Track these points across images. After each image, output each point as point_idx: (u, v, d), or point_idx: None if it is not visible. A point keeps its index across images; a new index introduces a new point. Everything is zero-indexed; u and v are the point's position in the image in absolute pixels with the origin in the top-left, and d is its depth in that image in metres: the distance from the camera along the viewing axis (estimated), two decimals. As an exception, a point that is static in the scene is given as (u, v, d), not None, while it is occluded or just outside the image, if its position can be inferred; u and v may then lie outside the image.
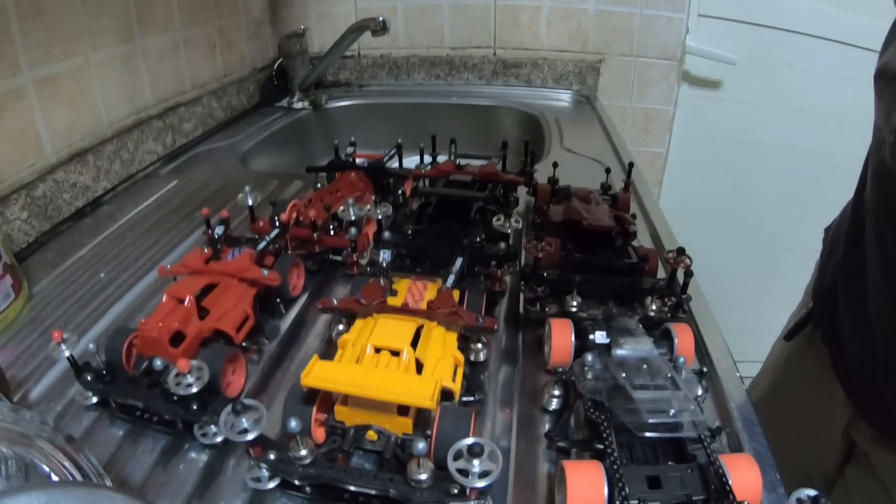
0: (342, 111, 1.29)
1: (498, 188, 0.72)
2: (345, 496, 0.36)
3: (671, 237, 0.67)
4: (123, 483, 0.38)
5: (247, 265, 0.51)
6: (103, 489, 0.29)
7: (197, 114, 1.04)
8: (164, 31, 0.94)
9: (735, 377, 0.46)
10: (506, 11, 1.28)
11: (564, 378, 0.42)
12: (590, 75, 1.29)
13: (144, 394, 0.40)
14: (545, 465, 0.40)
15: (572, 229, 0.59)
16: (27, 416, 0.31)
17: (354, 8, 1.31)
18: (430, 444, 0.36)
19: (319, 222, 0.59)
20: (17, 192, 0.67)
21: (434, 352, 0.42)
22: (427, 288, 0.50)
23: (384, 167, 0.75)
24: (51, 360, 0.49)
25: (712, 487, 0.32)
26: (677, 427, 0.35)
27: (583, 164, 0.92)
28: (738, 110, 1.35)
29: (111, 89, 0.83)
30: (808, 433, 0.68)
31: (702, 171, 1.44)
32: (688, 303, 0.52)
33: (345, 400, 0.39)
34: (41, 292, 0.60)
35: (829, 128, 1.34)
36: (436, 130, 0.84)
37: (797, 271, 1.62)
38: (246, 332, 0.49)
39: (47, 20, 0.70)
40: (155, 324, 0.43)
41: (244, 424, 0.34)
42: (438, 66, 1.35)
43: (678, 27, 1.23)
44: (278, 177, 0.88)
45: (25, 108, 0.69)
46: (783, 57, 1.28)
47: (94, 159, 0.79)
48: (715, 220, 1.52)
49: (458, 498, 0.33)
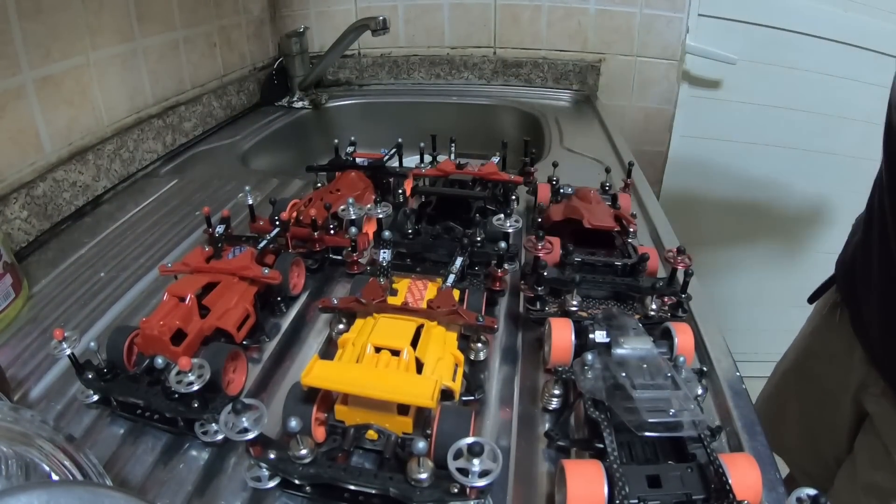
0: (342, 110, 1.29)
1: (498, 188, 0.72)
2: (345, 495, 0.36)
3: (671, 237, 0.67)
4: (124, 482, 0.38)
5: (247, 264, 0.51)
6: (104, 488, 0.29)
7: (197, 113, 1.04)
8: (164, 31, 0.94)
9: (735, 377, 0.46)
10: (506, 11, 1.28)
11: (564, 377, 0.42)
12: (590, 75, 1.29)
13: (145, 392, 0.40)
14: (545, 465, 0.40)
15: (572, 229, 0.59)
16: (27, 415, 0.31)
17: (355, 7, 1.31)
18: (430, 444, 0.36)
19: (320, 221, 0.59)
20: (18, 191, 0.67)
21: (434, 351, 0.42)
22: (427, 287, 0.50)
23: (384, 166, 0.75)
24: (51, 359, 0.49)
25: (712, 487, 0.33)
26: (677, 426, 0.35)
27: (583, 164, 0.92)
28: (738, 110, 1.35)
29: (111, 88, 0.83)
30: (826, 401, 0.74)
31: (702, 171, 1.44)
32: (688, 302, 0.52)
33: (345, 399, 0.39)
34: (41, 291, 0.60)
35: (829, 127, 1.34)
36: (436, 130, 0.84)
37: (797, 270, 1.62)
38: (247, 331, 0.49)
39: (47, 19, 0.70)
40: (156, 322, 0.43)
41: (244, 424, 0.34)
42: (438, 66, 1.35)
43: (678, 27, 1.23)
44: (278, 176, 0.88)
45: (25, 107, 0.69)
46: (783, 57, 1.28)
47: (94, 158, 0.79)
48: (715, 220, 1.52)
49: (458, 497, 0.33)
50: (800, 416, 0.80)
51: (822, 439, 0.76)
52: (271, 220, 0.60)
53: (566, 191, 0.69)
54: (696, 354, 0.46)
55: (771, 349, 1.80)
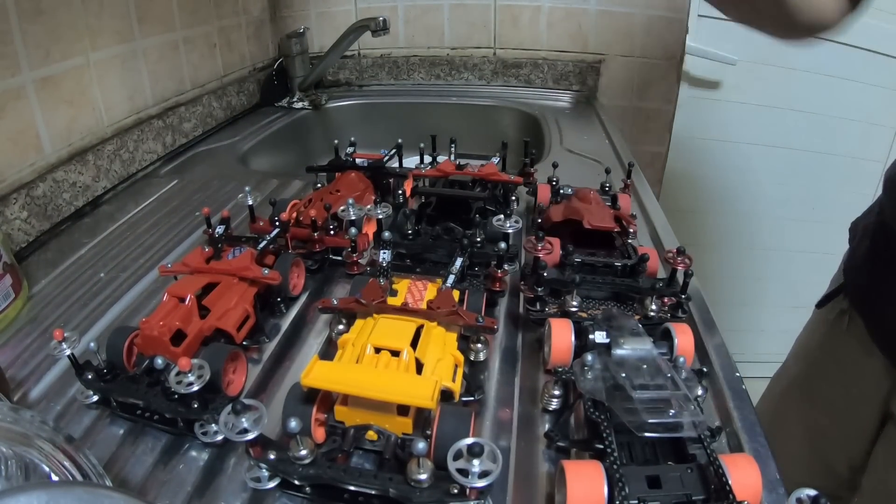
0: (342, 111, 1.29)
1: (498, 188, 0.72)
2: (344, 496, 0.36)
3: (671, 237, 0.67)
4: (123, 482, 0.38)
5: (247, 264, 0.51)
6: (103, 488, 0.29)
7: (197, 113, 1.04)
8: (164, 31, 0.94)
9: (735, 377, 0.46)
10: (506, 11, 1.28)
11: (564, 378, 0.42)
12: (590, 75, 1.29)
13: (145, 392, 0.40)
14: (545, 465, 0.40)
15: (572, 229, 0.59)
16: (27, 415, 0.31)
17: (354, 8, 1.31)
18: (429, 444, 0.36)
19: (319, 222, 0.59)
20: (17, 191, 0.67)
21: (434, 352, 0.42)
22: (427, 288, 0.50)
23: (384, 167, 0.75)
24: (51, 360, 0.49)
25: (712, 487, 0.33)
26: (677, 427, 0.35)
27: (583, 164, 0.92)
28: (738, 110, 1.35)
29: (111, 89, 0.83)
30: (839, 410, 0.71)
31: (702, 171, 1.44)
32: (688, 303, 0.52)
33: (345, 400, 0.39)
34: (41, 292, 0.60)
35: (829, 128, 1.34)
36: (436, 130, 0.84)
37: (797, 271, 1.62)
38: (247, 331, 0.49)
39: (47, 20, 0.70)
40: (156, 322, 0.43)
41: (244, 424, 0.34)
42: (438, 66, 1.35)
43: (678, 27, 1.23)
44: (278, 176, 0.88)
45: (25, 107, 0.69)
46: (783, 57, 1.28)
47: (94, 159, 0.79)
48: (715, 220, 1.52)
49: (458, 498, 0.33)
50: (805, 429, 0.78)
51: (832, 449, 0.74)
52: (271, 220, 0.60)
53: (566, 191, 0.69)
54: (695, 355, 0.46)
55: (771, 349, 1.80)
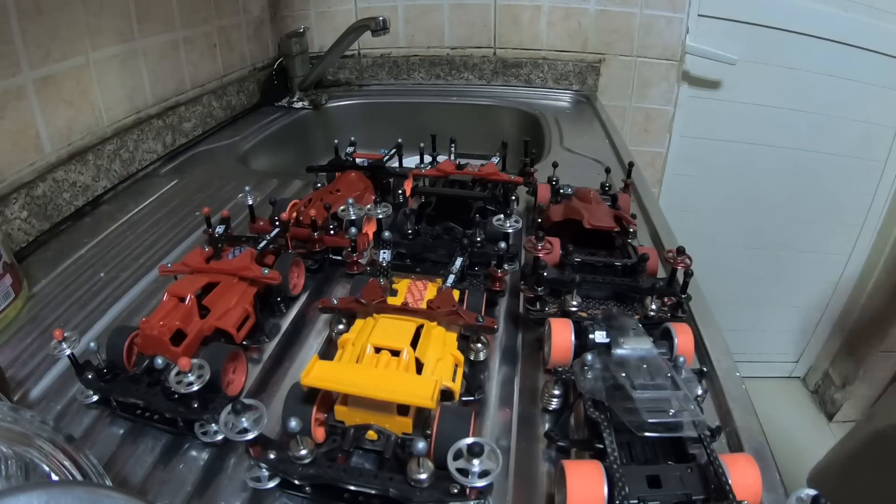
0: (342, 111, 1.29)
1: (498, 188, 0.72)
2: (345, 496, 0.36)
3: (671, 237, 0.67)
4: (123, 482, 0.38)
5: (247, 264, 0.51)
6: (103, 488, 0.29)
7: (197, 113, 1.04)
8: (164, 31, 0.94)
9: (735, 377, 0.46)
10: (506, 11, 1.28)
11: (564, 377, 0.42)
12: (590, 75, 1.29)
13: (145, 392, 0.40)
14: (545, 465, 0.40)
15: (572, 229, 0.59)
16: (27, 415, 0.31)
17: (355, 7, 1.31)
18: (429, 444, 0.36)
19: (319, 222, 0.59)
20: (17, 191, 0.67)
21: (434, 351, 0.42)
22: (427, 287, 0.50)
23: (384, 167, 0.75)
24: (51, 359, 0.49)
25: (712, 487, 0.33)
26: (677, 427, 0.35)
27: (583, 164, 0.92)
28: (738, 110, 1.35)
29: (111, 89, 0.83)
30: None
31: (702, 171, 1.44)
32: (688, 302, 0.52)
33: (345, 399, 0.39)
34: (41, 291, 0.60)
35: (829, 128, 1.34)
36: (436, 130, 0.84)
37: (797, 271, 1.62)
38: (247, 331, 0.49)
39: (47, 20, 0.70)
40: (156, 322, 0.43)
41: (244, 424, 0.34)
42: (438, 66, 1.35)
43: (678, 27, 1.23)
44: (278, 176, 0.88)
45: (25, 107, 0.69)
46: (783, 57, 1.28)
47: (94, 158, 0.79)
48: (715, 220, 1.52)
49: (458, 497, 0.33)
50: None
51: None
52: (271, 220, 0.60)
53: (566, 191, 0.69)
54: (695, 355, 0.46)
55: (771, 349, 1.80)
